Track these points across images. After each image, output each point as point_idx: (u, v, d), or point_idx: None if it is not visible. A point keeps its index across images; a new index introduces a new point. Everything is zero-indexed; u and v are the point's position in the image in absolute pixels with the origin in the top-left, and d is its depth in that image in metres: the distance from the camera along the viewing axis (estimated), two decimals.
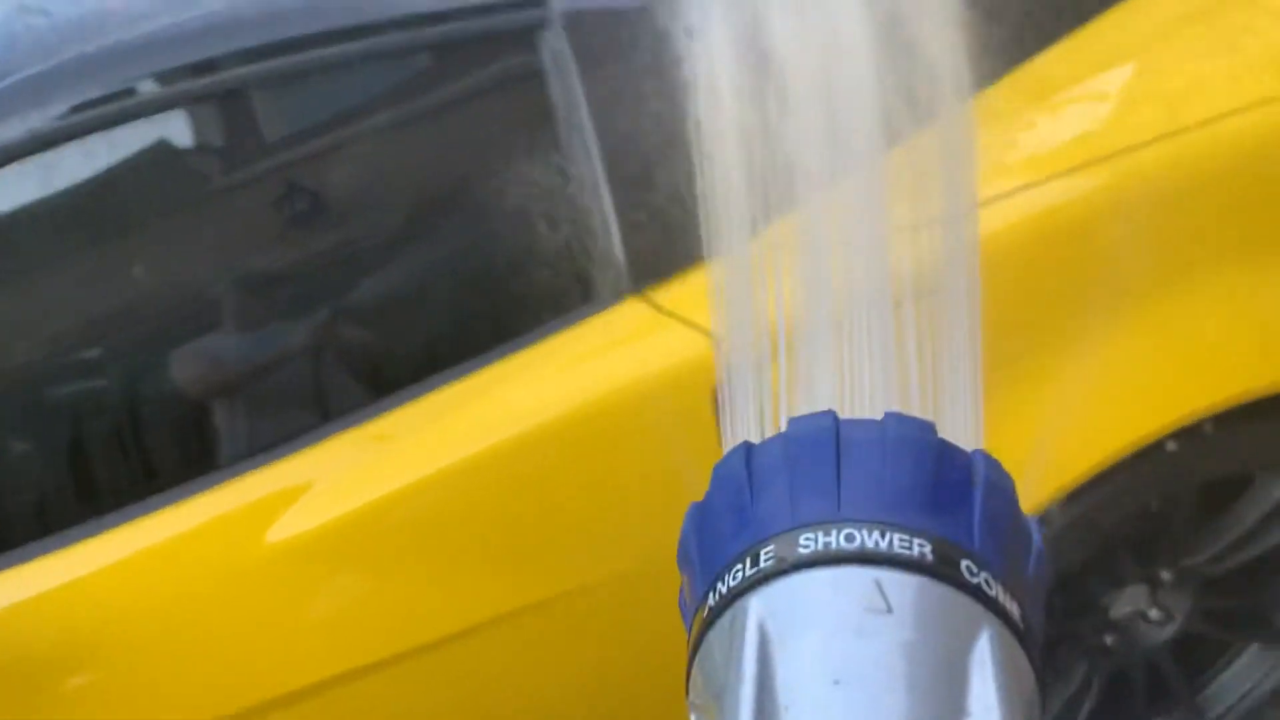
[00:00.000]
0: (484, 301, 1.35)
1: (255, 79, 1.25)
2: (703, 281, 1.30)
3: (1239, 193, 1.35)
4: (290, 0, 1.22)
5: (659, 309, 1.28)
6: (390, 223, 1.35)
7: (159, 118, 1.32)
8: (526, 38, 1.28)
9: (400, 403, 1.24)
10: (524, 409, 1.25)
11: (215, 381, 1.30)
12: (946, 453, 0.41)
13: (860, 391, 0.48)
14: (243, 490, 1.17)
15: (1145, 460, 1.35)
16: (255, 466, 1.19)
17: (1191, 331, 1.35)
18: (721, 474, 0.44)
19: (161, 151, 1.36)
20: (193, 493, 1.19)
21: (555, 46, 1.27)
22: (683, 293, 1.29)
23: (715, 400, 1.25)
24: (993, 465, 0.42)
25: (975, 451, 0.42)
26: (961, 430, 0.47)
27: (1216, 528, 1.56)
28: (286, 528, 1.15)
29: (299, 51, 1.23)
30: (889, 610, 0.37)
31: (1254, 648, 1.71)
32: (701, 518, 0.44)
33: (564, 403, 1.25)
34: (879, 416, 0.45)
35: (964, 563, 0.38)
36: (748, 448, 0.43)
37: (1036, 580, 0.42)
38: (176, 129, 1.39)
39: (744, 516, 0.41)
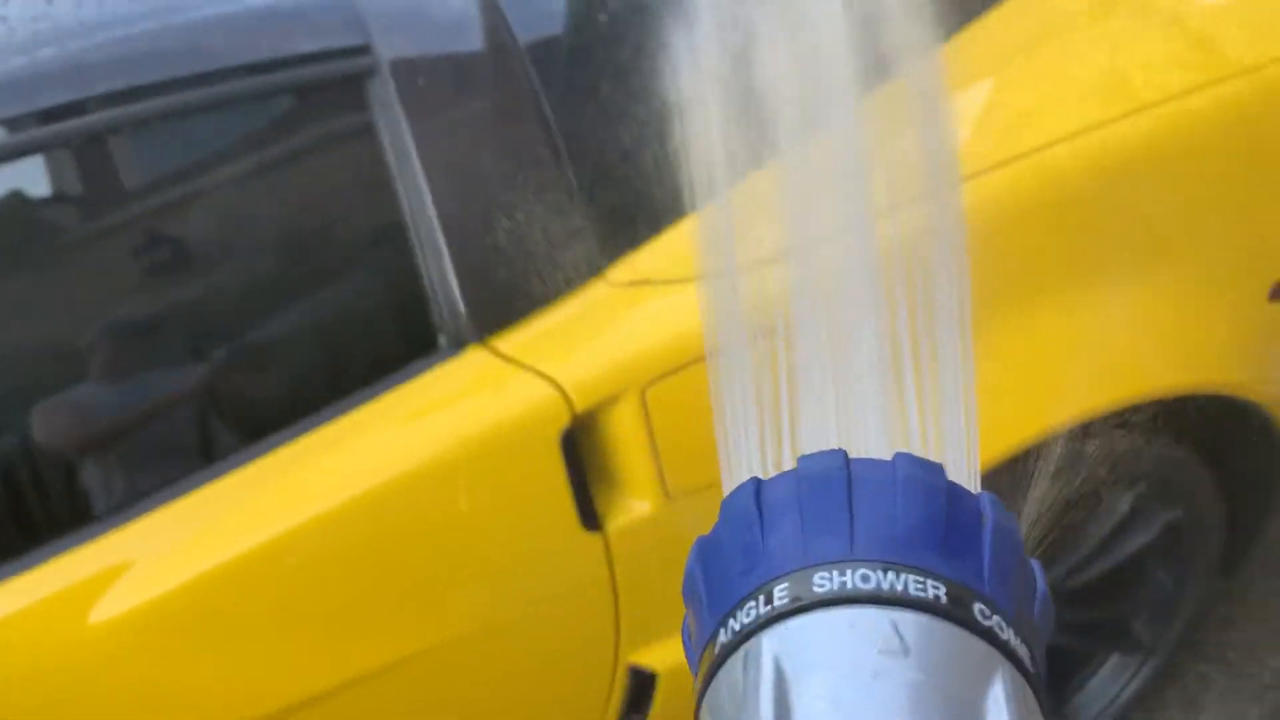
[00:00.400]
0: (322, 357, 1.31)
1: (68, 134, 1.20)
2: (545, 326, 1.29)
3: (1068, 220, 1.39)
4: (96, 53, 1.17)
5: (502, 356, 1.27)
6: (225, 278, 1.31)
7: None
8: (355, 86, 1.25)
9: (232, 468, 1.20)
10: (366, 467, 1.21)
11: (67, 440, 1.24)
12: (955, 494, 0.41)
13: (858, 425, 0.47)
14: (63, 570, 1.12)
15: (993, 483, 1.37)
16: (80, 542, 1.14)
17: (1029, 357, 1.38)
18: (730, 509, 0.43)
19: None
20: (17, 571, 1.14)
21: (383, 95, 1.25)
22: (525, 339, 1.28)
23: (562, 445, 1.25)
24: (999, 508, 0.42)
25: (983, 494, 0.42)
26: (957, 465, 0.47)
27: (1070, 543, 1.60)
28: (110, 607, 1.10)
29: (112, 106, 1.18)
30: (906, 652, 0.36)
31: (1115, 657, 1.75)
32: (709, 552, 0.43)
33: (408, 458, 1.22)
34: (867, 447, 0.45)
35: (977, 605, 0.38)
36: (757, 483, 0.43)
37: (1041, 624, 0.42)
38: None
39: (754, 553, 0.41)
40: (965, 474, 0.46)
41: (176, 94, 1.20)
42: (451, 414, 1.25)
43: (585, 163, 1.32)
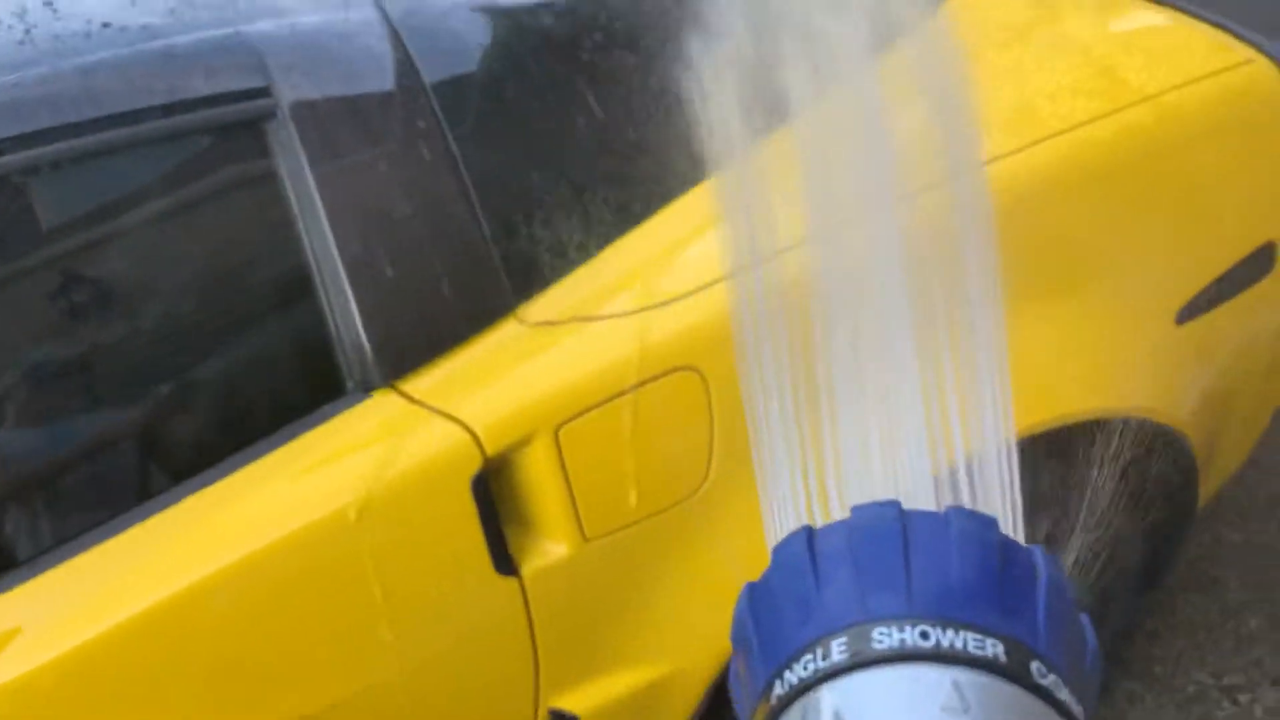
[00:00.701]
0: (229, 403, 1.29)
1: None
2: (454, 368, 1.27)
3: None
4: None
5: (411, 400, 1.25)
6: (126, 326, 1.28)
7: None
8: (255, 129, 1.23)
9: (137, 519, 1.17)
10: (274, 515, 1.19)
11: None
12: (1009, 549, 0.41)
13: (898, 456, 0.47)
14: None
15: None
16: None
17: None
18: (782, 557, 0.43)
19: None
20: None
21: (284, 138, 1.22)
22: (434, 381, 1.26)
23: (474, 489, 1.23)
24: (1052, 562, 0.42)
25: (1034, 548, 0.42)
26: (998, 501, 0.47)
27: None
28: (3, 671, 1.07)
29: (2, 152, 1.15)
30: (966, 710, 0.37)
31: None
32: (760, 599, 0.43)
33: (317, 505, 1.19)
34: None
35: (1034, 664, 0.38)
36: (809, 532, 0.43)
37: (1092, 679, 0.42)
38: None
39: (808, 605, 0.41)
40: (1009, 519, 0.47)
41: (70, 139, 1.17)
42: (360, 460, 1.22)
43: (494, 202, 1.31)
